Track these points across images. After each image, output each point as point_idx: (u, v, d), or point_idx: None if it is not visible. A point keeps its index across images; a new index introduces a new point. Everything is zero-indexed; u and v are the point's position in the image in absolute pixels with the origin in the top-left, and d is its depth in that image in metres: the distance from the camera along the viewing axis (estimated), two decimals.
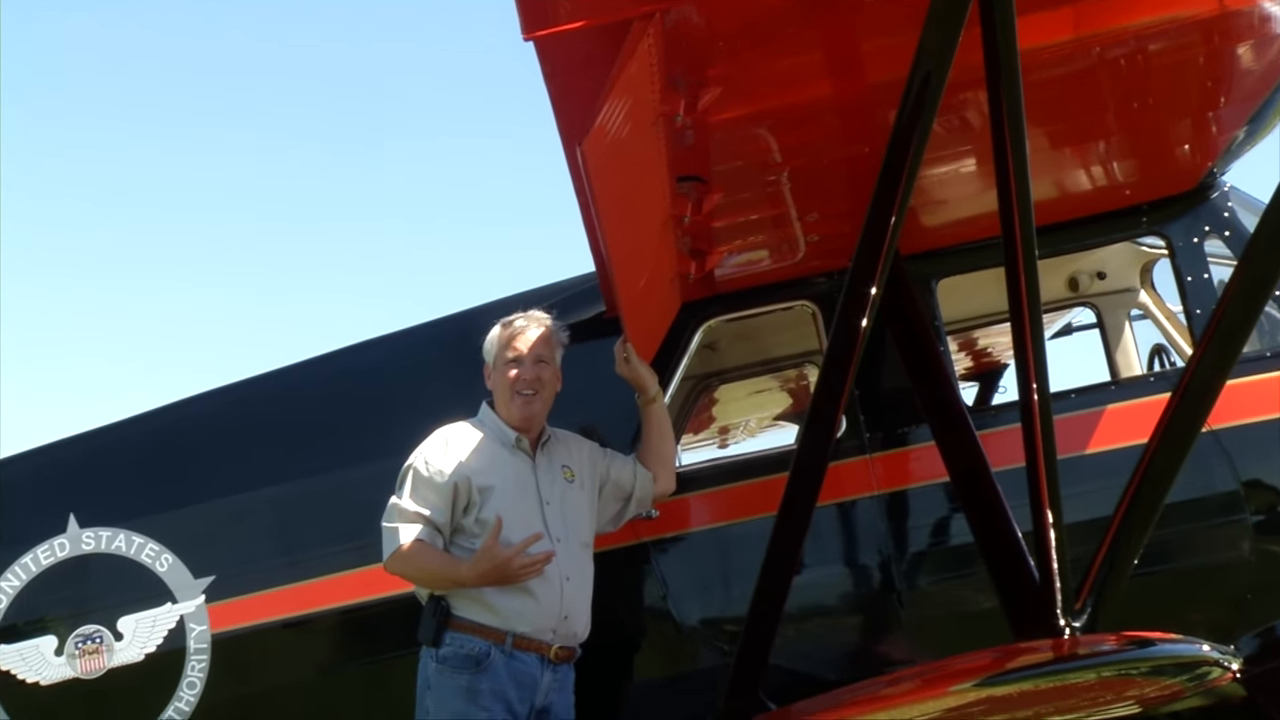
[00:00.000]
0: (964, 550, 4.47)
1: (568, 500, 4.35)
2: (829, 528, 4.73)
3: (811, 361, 6.73)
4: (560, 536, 4.26)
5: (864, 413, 4.77)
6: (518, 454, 4.34)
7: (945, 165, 4.38)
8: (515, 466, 4.31)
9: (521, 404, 4.32)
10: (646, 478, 4.57)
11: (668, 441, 4.63)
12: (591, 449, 4.55)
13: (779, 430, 10.00)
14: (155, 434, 5.42)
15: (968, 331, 7.05)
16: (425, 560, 4.16)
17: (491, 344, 4.42)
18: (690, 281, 4.73)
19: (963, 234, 4.89)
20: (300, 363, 5.46)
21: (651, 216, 4.10)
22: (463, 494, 4.20)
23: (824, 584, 4.79)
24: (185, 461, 5.28)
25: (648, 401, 4.56)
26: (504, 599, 4.13)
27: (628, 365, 4.49)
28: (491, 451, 4.29)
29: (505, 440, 4.33)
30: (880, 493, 4.72)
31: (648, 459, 4.59)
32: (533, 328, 4.39)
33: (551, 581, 4.18)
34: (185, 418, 5.41)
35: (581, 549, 4.33)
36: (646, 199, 3.98)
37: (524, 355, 4.34)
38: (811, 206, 4.45)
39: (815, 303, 4.94)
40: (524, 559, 4.06)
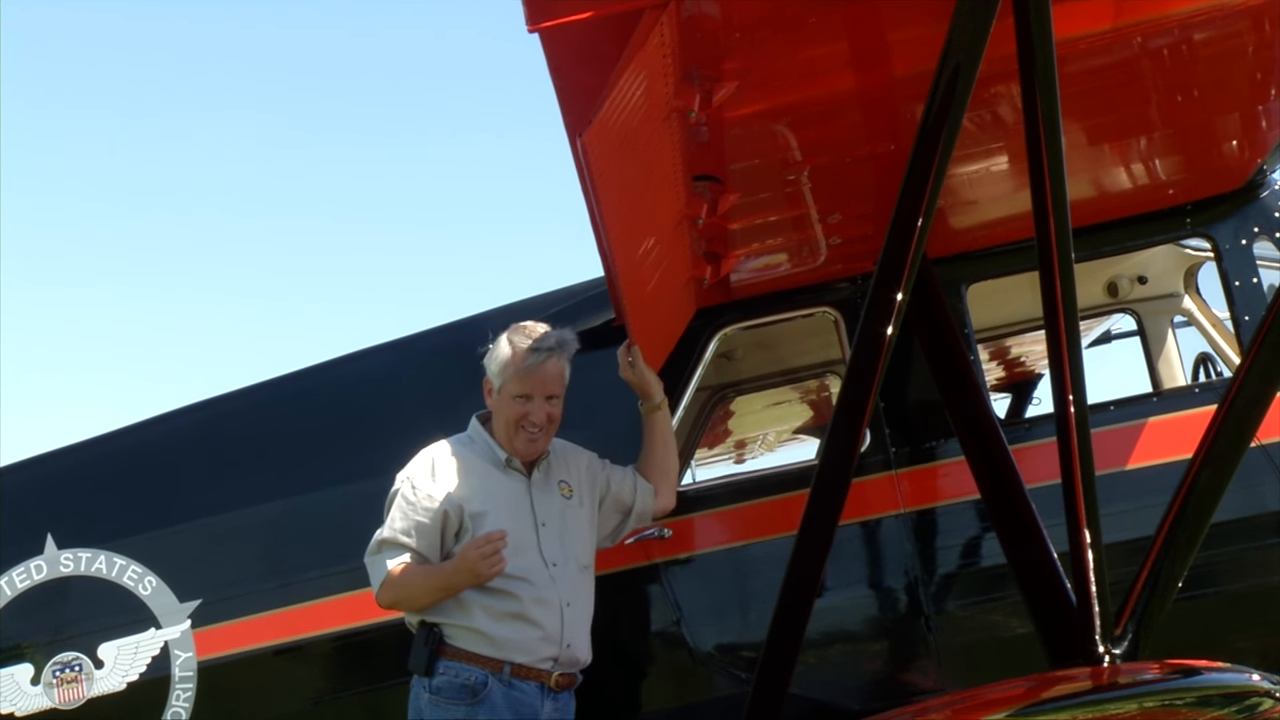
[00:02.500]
0: (996, 572, 4.47)
1: (565, 520, 4.33)
2: (852, 548, 4.74)
3: (833, 371, 6.74)
4: (557, 560, 4.25)
5: (889, 426, 4.77)
6: (510, 474, 4.32)
7: (976, 163, 4.38)
8: (508, 488, 4.29)
9: (526, 441, 4.29)
10: (647, 491, 4.56)
11: (670, 453, 4.62)
12: (590, 460, 4.53)
13: (798, 444, 10.02)
14: (138, 449, 5.43)
15: (1000, 340, 7.05)
16: (412, 577, 4.16)
17: (501, 364, 4.31)
18: (705, 287, 4.74)
19: (994, 236, 4.89)
20: (292, 373, 5.47)
21: (661, 216, 4.10)
22: (453, 520, 4.20)
23: (847, 608, 4.79)
24: (170, 478, 5.30)
25: (652, 409, 4.55)
26: (501, 628, 4.12)
27: (632, 370, 4.48)
28: (482, 473, 4.28)
29: (496, 460, 4.31)
30: (906, 511, 4.72)
31: (649, 471, 4.59)
32: (550, 361, 4.27)
33: (551, 607, 4.18)
34: (170, 432, 5.42)
35: (580, 572, 4.32)
36: (655, 197, 3.98)
37: (534, 393, 4.26)
38: (833, 207, 4.46)
39: (837, 309, 4.94)
40: (484, 549, 4.03)
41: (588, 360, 4.54)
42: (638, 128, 3.53)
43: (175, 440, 5.40)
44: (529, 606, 4.14)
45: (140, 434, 5.45)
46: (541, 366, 4.28)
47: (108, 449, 5.45)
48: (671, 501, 4.66)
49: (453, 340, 4.83)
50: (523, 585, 4.15)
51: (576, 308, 4.93)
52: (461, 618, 4.15)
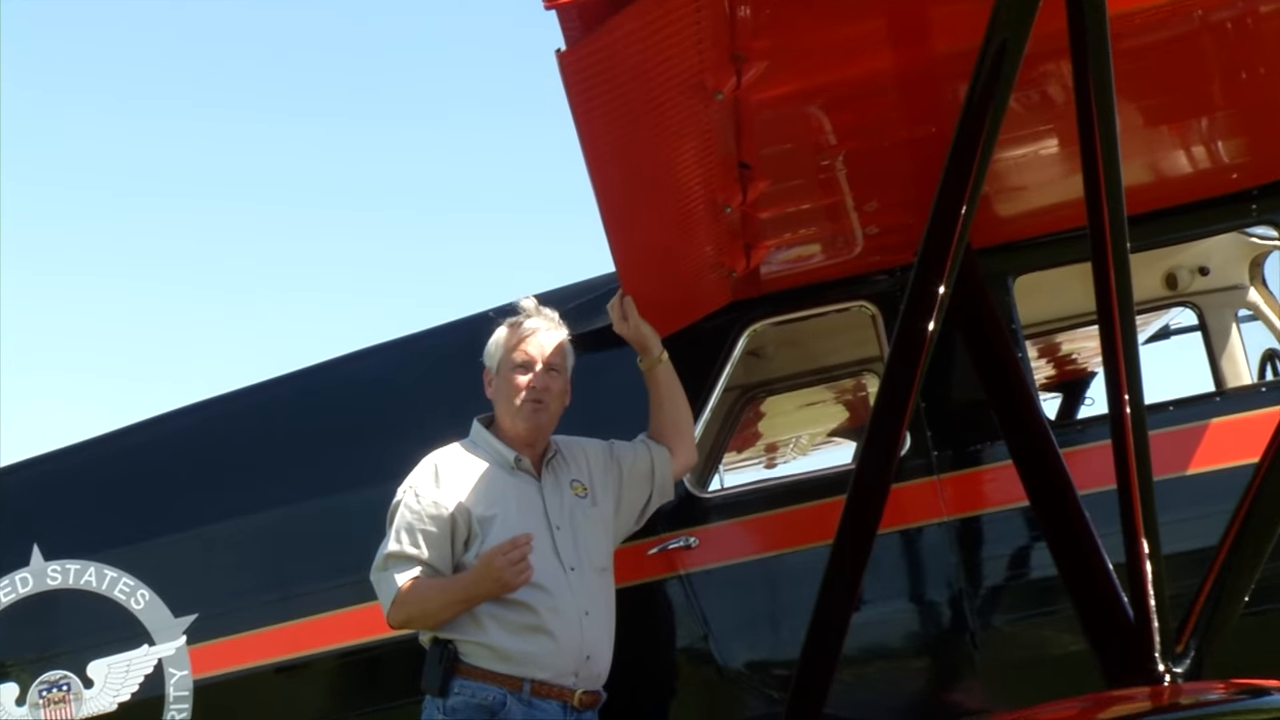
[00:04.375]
0: (1047, 584, 4.47)
1: (579, 521, 4.34)
2: (892, 558, 4.74)
3: (871, 370, 6.73)
4: (574, 565, 4.25)
5: (931, 428, 4.77)
6: (519, 475, 4.34)
7: (1023, 147, 4.37)
8: (518, 490, 4.31)
9: (530, 413, 4.31)
10: (663, 454, 4.56)
11: (679, 406, 4.62)
12: (598, 450, 4.54)
13: (834, 448, 10.01)
14: (131, 454, 5.46)
15: (1049, 335, 7.03)
16: (425, 592, 4.16)
17: (496, 346, 4.41)
18: (734, 279, 4.75)
19: (1043, 225, 4.88)
20: (293, 373, 5.49)
21: (676, 194, 4.10)
22: (461, 528, 4.20)
23: (886, 622, 4.79)
24: (165, 485, 5.33)
25: (653, 363, 4.56)
26: (517, 642, 4.12)
27: (626, 323, 4.49)
28: (490, 476, 4.29)
29: (504, 462, 4.34)
30: (950, 519, 4.72)
31: (661, 430, 4.59)
32: (545, 331, 4.39)
33: (569, 618, 4.17)
34: (165, 435, 5.46)
35: (598, 576, 4.32)
36: (669, 175, 3.98)
37: (534, 360, 4.34)
38: (870, 195, 4.46)
39: (875, 303, 4.94)
40: (512, 555, 4.03)
41: (607, 359, 4.56)
42: (656, 105, 3.54)
43: (170, 444, 5.44)
44: (546, 617, 4.14)
45: (133, 438, 5.49)
46: (537, 333, 4.35)
47: (98, 454, 5.48)
48: (692, 456, 4.67)
49: (465, 337, 4.84)
50: (538, 594, 4.13)
51: (595, 304, 4.93)
52: (475, 633, 4.14)
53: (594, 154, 3.68)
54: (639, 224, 4.23)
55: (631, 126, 3.63)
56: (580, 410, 4.55)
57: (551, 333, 4.40)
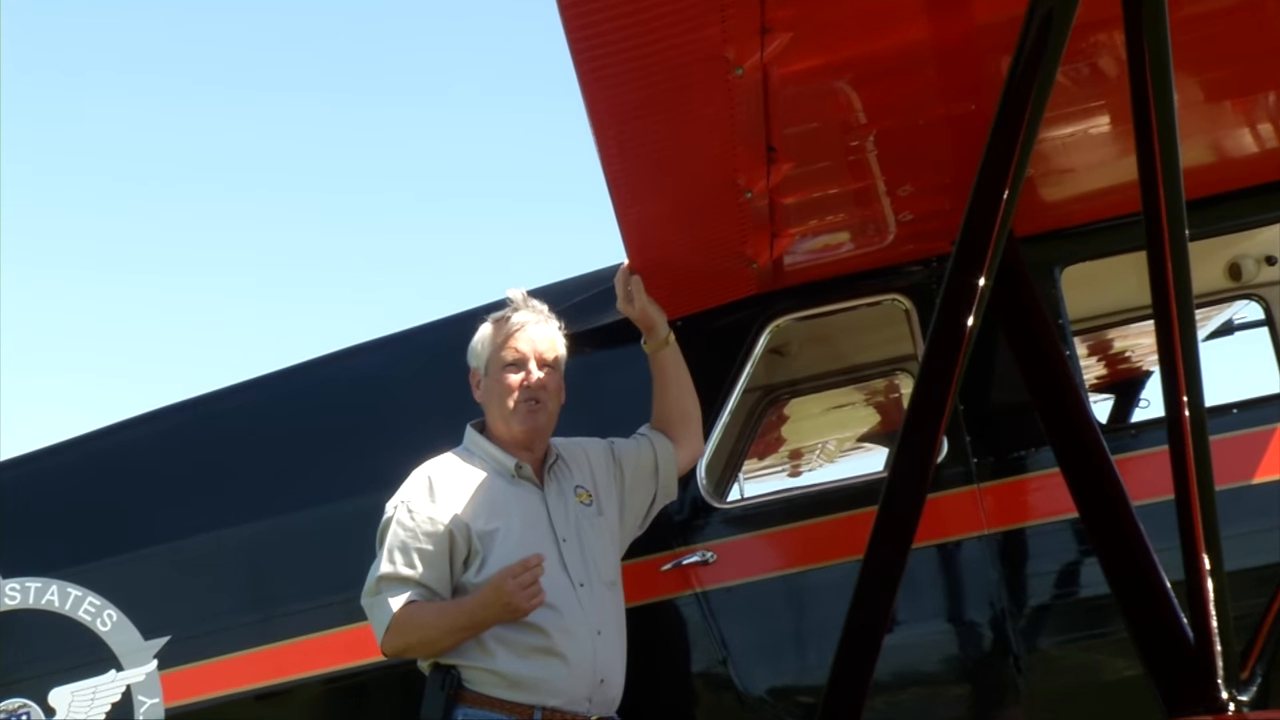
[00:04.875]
0: (1098, 604, 4.49)
1: (585, 532, 4.34)
2: (927, 575, 4.75)
3: (904, 369, 6.73)
4: (583, 580, 4.25)
5: (970, 432, 4.79)
6: (520, 485, 4.33)
7: (1072, 125, 4.37)
8: (521, 501, 4.31)
9: (526, 413, 4.30)
10: (666, 447, 4.58)
11: (686, 393, 4.63)
12: (599, 451, 4.54)
13: (864, 454, 10.01)
14: (96, 461, 5.49)
15: (1100, 331, 7.03)
16: (424, 618, 4.14)
17: (482, 343, 4.39)
18: (755, 270, 4.77)
19: (1094, 210, 4.89)
20: (276, 372, 5.52)
21: (694, 172, 4.12)
22: (460, 544, 4.18)
23: (922, 645, 4.81)
24: (135, 495, 5.36)
25: (658, 345, 4.57)
26: (527, 667, 4.11)
27: (631, 303, 4.49)
28: (489, 487, 4.29)
29: (504, 470, 4.33)
30: (991, 532, 4.73)
31: (666, 420, 4.61)
32: (535, 324, 4.37)
33: (581, 639, 4.17)
34: (135, 441, 5.48)
35: (608, 590, 4.32)
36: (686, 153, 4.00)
37: (526, 356, 4.33)
38: (904, 178, 4.47)
39: (909, 297, 4.96)
40: (523, 577, 4.00)
41: (611, 359, 4.56)
42: (669, 74, 3.55)
43: (140, 451, 5.46)
44: (557, 639, 4.13)
45: (99, 444, 5.51)
46: (527, 326, 4.35)
47: (61, 461, 5.51)
48: (699, 448, 4.69)
49: (462, 333, 4.85)
50: (548, 614, 4.12)
51: (599, 299, 4.95)
52: (481, 658, 4.13)
53: (600, 124, 3.68)
54: (649, 205, 4.24)
55: (642, 97, 3.63)
56: (581, 413, 4.56)
57: (542, 326, 4.39)
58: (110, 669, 5.06)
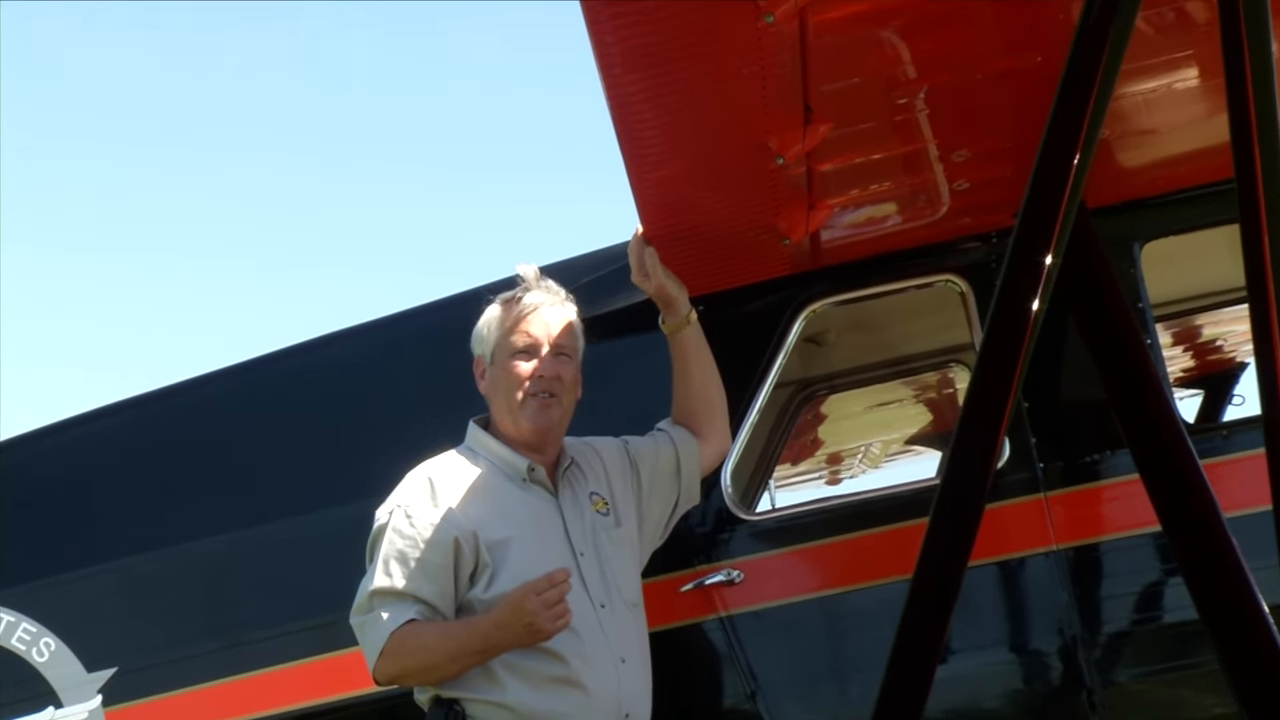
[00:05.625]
0: (1184, 630, 4.49)
1: (604, 546, 4.34)
2: (987, 597, 4.77)
3: (959, 361, 6.75)
4: (604, 601, 4.25)
5: (1036, 434, 4.80)
6: (532, 490, 4.33)
7: (1153, 79, 4.37)
8: (533, 509, 4.30)
9: (536, 409, 4.30)
10: (689, 444, 4.59)
11: (710, 380, 4.65)
12: (613, 452, 4.55)
13: (913, 459, 10.04)
14: (29, 467, 5.51)
15: (1187, 317, 7.04)
16: (427, 639, 4.09)
17: (489, 327, 4.40)
18: (788, 247, 4.78)
19: (1178, 178, 4.90)
20: (241, 364, 5.53)
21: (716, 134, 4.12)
22: (467, 555, 4.16)
23: (980, 678, 4.83)
24: (74, 505, 5.38)
25: (679, 324, 4.58)
26: (543, 700, 4.09)
27: (647, 276, 4.49)
28: (497, 491, 4.29)
29: (514, 472, 4.33)
30: (1060, 548, 4.74)
31: (690, 407, 4.62)
32: (550, 306, 4.38)
33: (603, 667, 4.17)
34: (74, 444, 5.51)
35: (630, 613, 4.33)
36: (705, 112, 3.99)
37: (539, 343, 4.33)
38: (959, 141, 4.47)
39: (964, 277, 4.97)
40: (549, 595, 3.95)
41: (627, 349, 4.57)
42: (689, 20, 3.56)
43: (84, 455, 5.48)
44: (577, 667, 4.11)
45: (35, 446, 5.53)
46: (539, 309, 4.35)
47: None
48: (726, 443, 4.71)
49: (461, 316, 4.85)
50: (568, 639, 4.08)
51: (616, 277, 4.96)
52: (490, 690, 4.10)
53: (610, 76, 3.69)
54: (666, 170, 4.24)
55: (657, 43, 3.63)
56: (589, 414, 4.56)
57: (558, 308, 4.40)
58: (48, 706, 5.08)
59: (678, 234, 4.53)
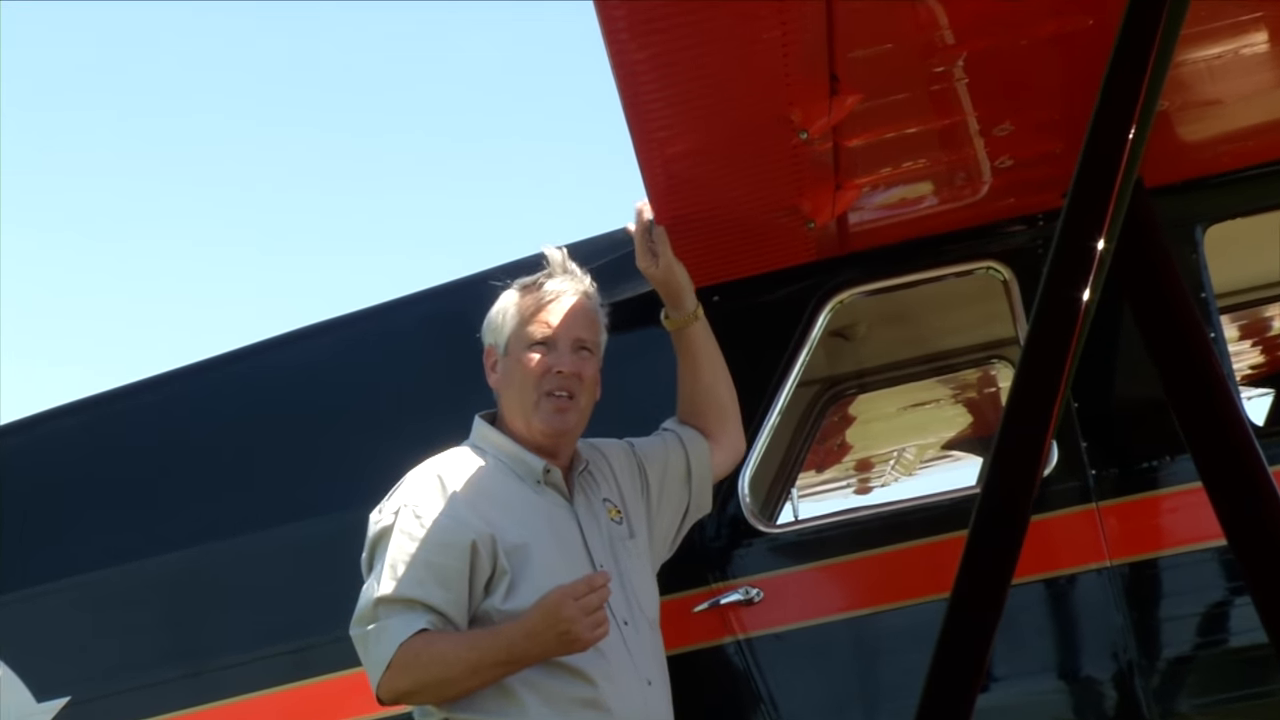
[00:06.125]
0: (1252, 655, 4.50)
1: (623, 559, 4.33)
2: (1033, 619, 4.77)
3: (1002, 357, 6.75)
4: (627, 618, 4.22)
5: (1087, 437, 4.80)
6: (546, 494, 4.31)
7: (1217, 44, 4.37)
8: (548, 514, 4.28)
9: (552, 410, 4.27)
10: (700, 445, 4.58)
11: (722, 379, 4.64)
12: (620, 455, 4.55)
13: (950, 465, 10.04)
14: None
15: (1254, 308, 7.04)
16: (444, 650, 4.02)
17: (504, 315, 4.37)
18: (812, 231, 4.78)
19: (1245, 154, 4.90)
20: (212, 359, 5.54)
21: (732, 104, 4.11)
22: (484, 560, 4.11)
23: (1025, 707, 4.82)
24: (20, 517, 5.38)
25: (685, 320, 4.56)
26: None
27: (655, 260, 4.48)
28: (511, 491, 4.27)
29: (527, 473, 4.30)
30: (1115, 564, 4.74)
31: (698, 409, 4.62)
32: (573, 294, 4.36)
33: (629, 691, 4.15)
34: (23, 448, 5.53)
35: (651, 631, 4.32)
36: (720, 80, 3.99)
37: (559, 335, 4.31)
38: (1002, 114, 4.46)
39: (1008, 264, 4.97)
40: (588, 600, 3.89)
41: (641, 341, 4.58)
42: None
43: (35, 460, 5.50)
44: (604, 689, 4.07)
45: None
46: (560, 298, 4.33)
47: None
48: (740, 445, 4.70)
49: (457, 306, 4.85)
50: (594, 659, 4.04)
51: (620, 264, 4.95)
52: (507, 710, 4.04)
53: (615, 40, 3.68)
54: (676, 146, 4.24)
55: (665, 7, 3.63)
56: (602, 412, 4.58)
57: (582, 298, 4.38)
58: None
59: (690, 218, 4.53)
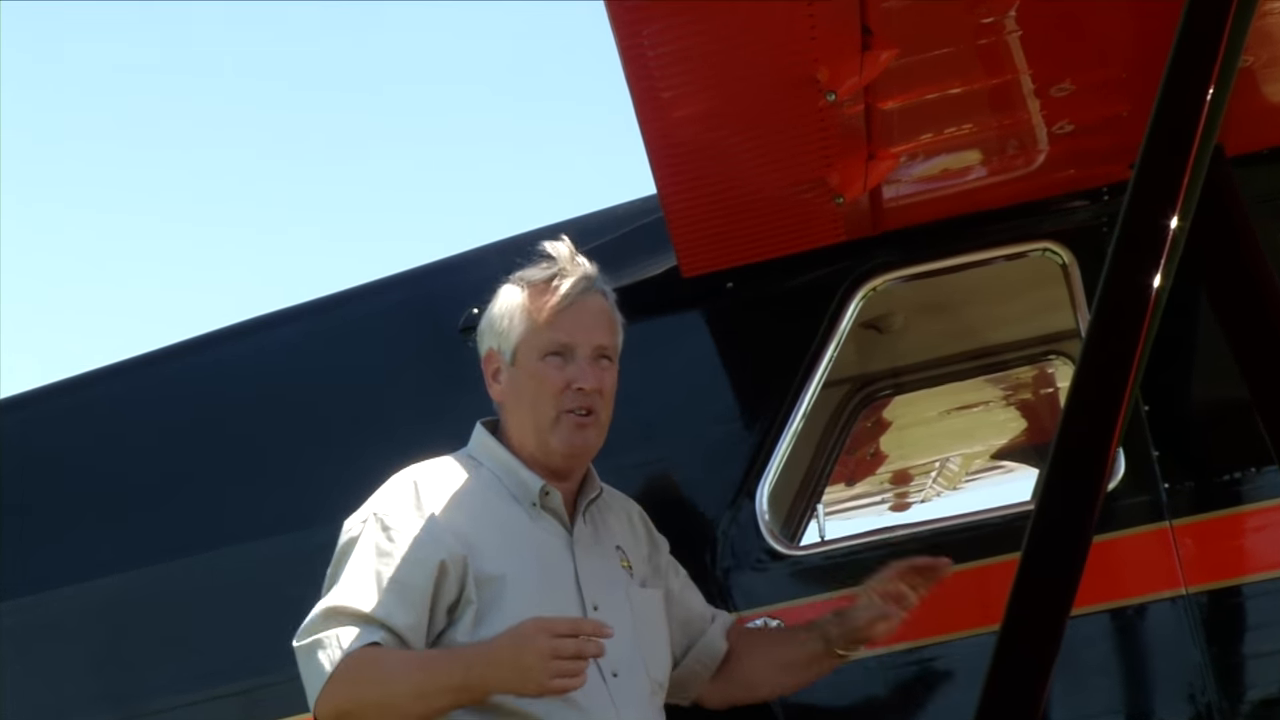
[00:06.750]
0: None
1: (633, 607, 4.33)
2: (1097, 654, 4.77)
3: (1060, 352, 6.72)
4: (616, 669, 4.20)
5: (1159, 445, 4.78)
6: (542, 520, 4.31)
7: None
8: (539, 543, 4.28)
9: (572, 428, 4.26)
10: (714, 644, 4.61)
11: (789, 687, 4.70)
12: (641, 525, 4.58)
13: (1001, 478, 10.02)
14: None
15: None
16: (387, 666, 4.02)
17: (510, 317, 4.36)
18: (841, 207, 4.77)
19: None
20: (153, 353, 5.60)
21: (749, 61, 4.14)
22: (451, 583, 4.12)
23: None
24: None
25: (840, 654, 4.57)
26: None
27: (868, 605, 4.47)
28: (499, 514, 4.27)
29: (523, 494, 4.30)
30: (1192, 591, 4.72)
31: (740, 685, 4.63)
32: (588, 294, 4.35)
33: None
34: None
35: (651, 693, 4.31)
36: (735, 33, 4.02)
37: (578, 344, 4.30)
38: (1060, 71, 4.46)
39: (1067, 245, 4.97)
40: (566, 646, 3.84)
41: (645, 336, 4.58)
42: None
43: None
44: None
45: None
46: (574, 298, 4.31)
47: None
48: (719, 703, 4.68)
49: (430, 292, 4.85)
50: (566, 712, 4.06)
51: (627, 243, 4.99)
52: None
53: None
54: (685, 109, 4.24)
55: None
56: None
57: (599, 299, 4.37)
58: None
59: (699, 193, 4.55)
